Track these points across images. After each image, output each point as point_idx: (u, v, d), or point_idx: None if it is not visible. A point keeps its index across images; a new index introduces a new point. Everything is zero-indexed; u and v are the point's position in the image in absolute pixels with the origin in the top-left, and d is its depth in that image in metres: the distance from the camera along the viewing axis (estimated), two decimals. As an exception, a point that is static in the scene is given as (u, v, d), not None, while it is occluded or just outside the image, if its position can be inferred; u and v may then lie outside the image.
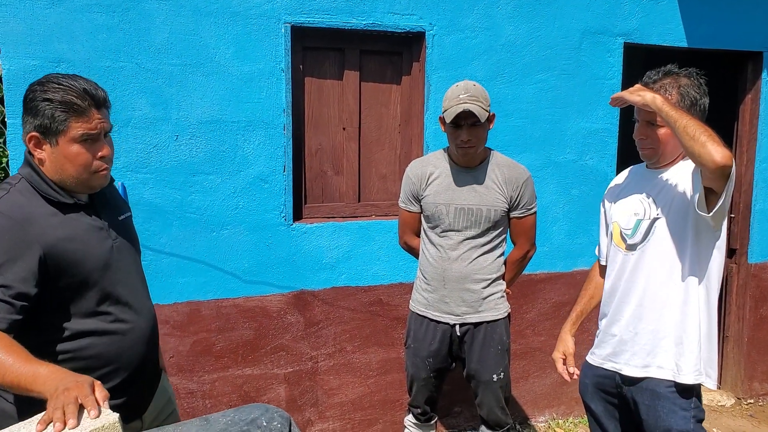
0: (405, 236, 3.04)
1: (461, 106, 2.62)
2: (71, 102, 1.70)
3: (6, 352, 1.50)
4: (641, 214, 2.27)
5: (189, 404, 3.47)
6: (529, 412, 4.18)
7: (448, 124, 2.69)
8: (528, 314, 4.04)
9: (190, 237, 3.35)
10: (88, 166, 1.77)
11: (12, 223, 1.68)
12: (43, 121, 1.71)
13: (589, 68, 3.88)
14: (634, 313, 2.30)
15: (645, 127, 2.21)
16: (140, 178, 3.21)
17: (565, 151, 3.93)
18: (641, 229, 2.26)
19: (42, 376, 1.45)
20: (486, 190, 2.78)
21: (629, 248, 2.31)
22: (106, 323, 1.84)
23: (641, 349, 2.28)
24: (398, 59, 3.72)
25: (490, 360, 2.85)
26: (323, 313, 3.65)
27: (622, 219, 2.34)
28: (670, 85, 2.16)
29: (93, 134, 1.74)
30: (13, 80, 2.95)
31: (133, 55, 3.12)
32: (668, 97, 2.15)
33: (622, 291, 2.34)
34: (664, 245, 2.21)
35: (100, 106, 1.76)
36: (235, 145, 3.36)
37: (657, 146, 2.20)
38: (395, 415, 3.85)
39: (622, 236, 2.34)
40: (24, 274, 1.63)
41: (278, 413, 1.71)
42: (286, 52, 3.36)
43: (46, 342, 1.74)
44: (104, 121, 1.78)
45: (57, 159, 1.75)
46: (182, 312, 3.39)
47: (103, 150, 1.79)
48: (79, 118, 1.72)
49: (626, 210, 2.33)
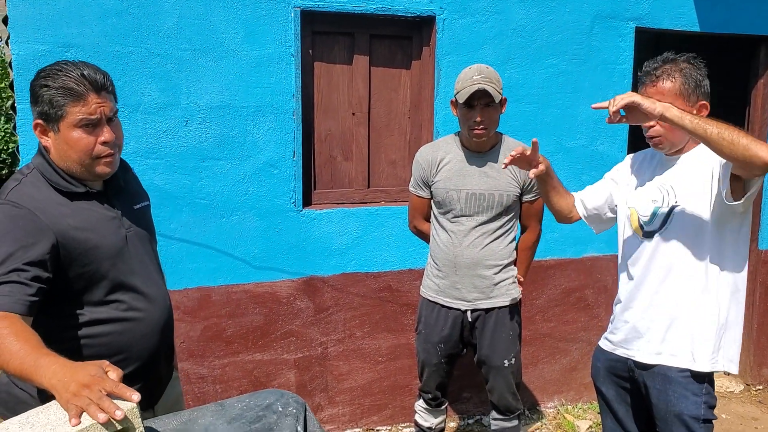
0: (415, 221, 3.03)
1: (475, 85, 2.60)
2: (68, 87, 1.68)
3: (15, 338, 1.48)
4: (659, 202, 2.25)
5: (200, 389, 3.48)
6: (538, 398, 4.19)
7: (461, 106, 2.67)
8: (537, 300, 4.03)
9: (200, 223, 3.34)
10: (89, 151, 1.74)
11: (25, 212, 1.68)
12: (44, 108, 1.71)
13: (600, 53, 3.85)
14: (650, 301, 2.28)
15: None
16: (150, 163, 3.20)
17: (576, 136, 3.91)
18: (659, 216, 2.24)
19: (42, 367, 1.40)
20: (498, 174, 2.76)
21: (646, 235, 2.29)
22: (119, 311, 1.83)
23: (655, 337, 2.27)
24: (408, 44, 3.70)
25: (502, 346, 2.85)
26: (333, 299, 3.65)
27: (640, 206, 2.32)
28: (672, 70, 2.15)
29: (92, 119, 1.71)
30: (23, 65, 2.94)
31: (142, 40, 3.11)
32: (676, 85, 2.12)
33: (638, 278, 2.32)
34: (683, 233, 2.19)
35: (99, 90, 1.72)
36: (245, 131, 3.34)
37: (665, 135, 2.18)
38: (405, 401, 3.86)
39: (639, 223, 2.32)
40: (38, 259, 1.63)
41: (293, 398, 1.71)
42: (295, 37, 3.34)
43: (57, 328, 1.74)
44: (104, 105, 1.73)
45: (60, 145, 1.74)
46: (193, 297, 3.39)
47: (105, 134, 1.75)
48: (77, 103, 1.69)
49: (644, 196, 2.31)
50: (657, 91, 2.15)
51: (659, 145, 2.23)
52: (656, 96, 2.13)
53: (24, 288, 1.59)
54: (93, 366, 1.39)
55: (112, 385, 1.33)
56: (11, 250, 1.61)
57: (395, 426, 3.91)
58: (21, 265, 1.60)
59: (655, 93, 2.14)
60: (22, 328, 1.52)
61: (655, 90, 2.15)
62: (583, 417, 4.09)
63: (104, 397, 1.30)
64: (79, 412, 1.30)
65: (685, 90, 2.14)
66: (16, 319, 1.54)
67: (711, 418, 2.22)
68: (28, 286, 1.60)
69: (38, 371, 1.40)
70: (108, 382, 1.34)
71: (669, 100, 2.10)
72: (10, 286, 1.57)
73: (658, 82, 2.15)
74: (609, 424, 2.51)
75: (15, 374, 1.46)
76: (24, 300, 1.58)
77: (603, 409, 2.55)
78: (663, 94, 2.13)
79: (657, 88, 2.15)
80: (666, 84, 2.14)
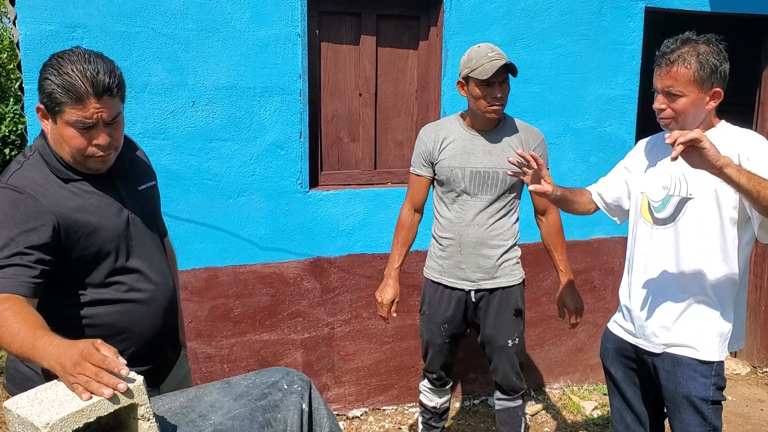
0: (405, 207, 2.99)
1: (498, 61, 2.58)
2: (69, 87, 1.65)
3: (16, 319, 1.49)
4: (670, 189, 2.22)
5: (207, 368, 3.52)
6: (544, 379, 4.20)
7: (480, 83, 2.64)
8: (544, 282, 4.03)
9: (208, 203, 3.36)
10: (82, 150, 1.72)
11: (26, 196, 1.68)
12: (44, 99, 1.70)
13: (609, 33, 3.82)
14: (656, 290, 2.26)
15: (665, 96, 2.14)
16: (157, 144, 3.21)
17: (584, 117, 3.89)
18: (670, 204, 2.21)
19: (40, 348, 1.41)
20: (503, 152, 2.75)
21: (656, 222, 2.26)
22: (120, 293, 1.84)
23: (662, 327, 2.25)
24: (415, 24, 3.68)
25: (505, 326, 2.86)
26: (339, 280, 3.67)
27: (651, 191, 2.28)
28: (688, 54, 2.08)
29: (88, 123, 1.68)
30: (30, 46, 2.95)
31: (149, 20, 3.10)
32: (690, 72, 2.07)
33: (645, 265, 2.30)
34: (695, 226, 2.17)
35: (100, 95, 1.67)
36: (252, 112, 3.35)
37: (677, 116, 2.14)
38: (410, 381, 3.89)
39: (650, 209, 2.29)
40: (41, 243, 1.64)
41: (299, 376, 1.73)
42: (302, 17, 3.32)
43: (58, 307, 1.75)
44: (102, 111, 1.68)
45: (55, 136, 1.74)
46: (200, 278, 3.42)
47: (99, 138, 1.71)
48: (75, 105, 1.65)
49: (655, 182, 2.28)
50: (670, 76, 2.09)
51: (669, 126, 2.20)
52: (669, 81, 2.09)
53: (27, 270, 1.60)
54: (84, 343, 1.39)
55: (99, 359, 1.34)
56: (13, 234, 1.62)
57: (401, 406, 3.94)
58: (23, 249, 1.61)
59: (668, 78, 2.10)
60: (23, 310, 1.53)
61: (669, 75, 2.10)
62: (588, 398, 4.11)
63: (101, 372, 1.32)
64: (84, 389, 1.32)
65: (699, 77, 2.07)
66: (18, 301, 1.55)
67: (720, 400, 2.21)
68: (31, 269, 1.61)
69: (37, 352, 1.42)
70: (96, 356, 1.34)
71: (681, 86, 2.07)
72: (13, 269, 1.59)
73: (673, 66, 2.09)
74: (617, 404, 2.51)
75: (17, 355, 1.48)
76: (28, 282, 1.59)
77: (611, 390, 2.55)
78: (676, 79, 2.09)
79: (671, 74, 2.09)
80: (680, 69, 2.08)
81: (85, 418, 1.30)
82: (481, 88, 2.65)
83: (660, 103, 2.16)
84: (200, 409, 1.57)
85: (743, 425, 3.86)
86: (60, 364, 1.36)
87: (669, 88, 2.11)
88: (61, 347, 1.39)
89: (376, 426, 3.77)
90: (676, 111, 2.12)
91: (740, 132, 2.17)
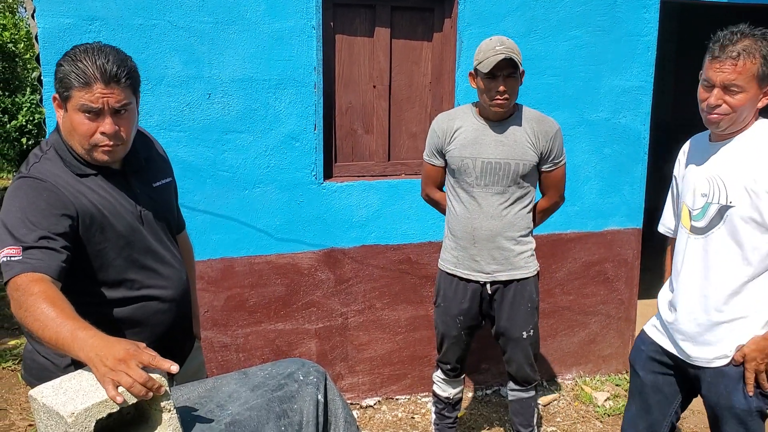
0: (427, 188, 3.03)
1: (500, 55, 2.59)
2: (78, 72, 1.69)
3: (50, 304, 1.50)
4: (709, 196, 2.12)
5: (223, 357, 3.56)
6: (556, 370, 4.22)
7: (484, 76, 2.65)
8: (557, 273, 4.04)
9: (223, 195, 3.39)
10: (88, 137, 1.74)
11: (49, 185, 1.72)
12: (57, 85, 1.73)
13: (624, 24, 3.80)
14: (697, 302, 2.18)
15: (722, 92, 2.01)
16: (174, 136, 3.24)
17: (598, 109, 3.88)
18: (710, 213, 2.12)
19: (80, 340, 1.42)
20: (515, 143, 2.76)
21: (694, 231, 2.18)
22: (133, 290, 1.87)
23: (703, 341, 2.17)
24: (430, 15, 3.68)
25: (520, 317, 2.87)
26: (353, 271, 3.70)
27: (689, 198, 2.20)
28: (752, 48, 1.96)
29: (93, 108, 1.71)
30: (48, 38, 2.98)
31: (165, 13, 3.13)
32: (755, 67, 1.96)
33: (684, 276, 2.21)
34: (734, 235, 2.08)
35: (108, 82, 1.70)
36: (267, 104, 3.37)
37: (731, 113, 2.03)
38: (423, 371, 3.92)
39: (691, 217, 2.20)
40: (63, 231, 1.67)
41: (314, 368, 1.76)
42: (317, 9, 3.34)
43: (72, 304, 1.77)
44: (109, 97, 1.71)
45: (66, 125, 1.77)
46: (216, 268, 3.46)
47: (105, 126, 1.73)
48: (82, 89, 1.69)
49: (693, 189, 2.19)
50: (735, 70, 1.97)
51: (721, 124, 2.07)
52: (732, 75, 1.97)
53: (55, 254, 1.62)
54: (129, 342, 1.42)
55: (148, 358, 1.37)
56: (37, 219, 1.65)
57: (414, 395, 3.97)
58: (49, 234, 1.64)
59: (732, 71, 1.97)
60: (56, 295, 1.54)
61: (734, 69, 1.97)
62: (600, 389, 4.13)
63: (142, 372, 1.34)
64: (115, 386, 1.34)
65: (762, 73, 1.97)
66: (49, 285, 1.56)
67: (765, 410, 2.13)
68: (59, 253, 1.63)
69: (76, 343, 1.43)
70: (144, 355, 1.37)
71: (744, 81, 1.97)
72: (41, 252, 1.61)
73: (739, 60, 1.96)
74: (634, 409, 2.43)
75: (48, 342, 1.48)
76: (57, 265, 1.61)
77: (633, 394, 2.45)
78: (741, 74, 1.97)
79: (736, 67, 1.96)
80: (746, 63, 1.96)
81: (108, 409, 1.33)
82: (485, 82, 2.66)
83: (717, 99, 2.03)
84: (218, 399, 1.61)
85: None
86: (100, 357, 1.38)
87: (730, 83, 1.99)
88: (104, 341, 1.42)
89: (389, 415, 3.81)
90: (733, 107, 2.01)
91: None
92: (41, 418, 1.35)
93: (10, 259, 1.59)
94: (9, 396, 3.97)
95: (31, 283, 1.54)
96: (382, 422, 3.75)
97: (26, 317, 1.51)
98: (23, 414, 3.77)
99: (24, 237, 1.61)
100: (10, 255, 1.59)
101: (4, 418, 3.72)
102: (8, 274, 1.58)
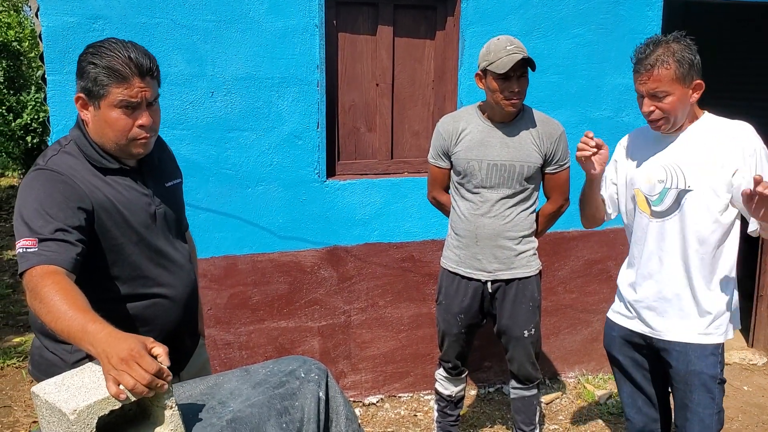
0: (434, 191, 3.04)
1: (516, 55, 2.59)
2: (114, 68, 1.71)
3: (63, 297, 1.50)
4: (666, 182, 2.28)
5: (226, 355, 3.58)
6: (559, 368, 4.22)
7: (497, 77, 2.64)
8: (560, 271, 4.04)
9: (226, 193, 3.40)
10: (126, 132, 1.77)
11: (65, 178, 1.73)
12: (87, 84, 1.74)
13: (627, 22, 3.79)
14: (659, 280, 2.34)
15: (651, 100, 2.20)
16: (177, 134, 3.25)
17: (601, 107, 3.87)
18: (668, 197, 2.27)
19: (90, 334, 1.42)
20: (520, 145, 2.76)
21: (655, 215, 2.33)
22: (144, 288, 1.88)
23: (665, 318, 2.34)
24: (432, 14, 3.68)
25: (522, 316, 2.88)
26: (356, 269, 3.71)
27: (645, 186, 2.34)
28: (664, 55, 2.15)
29: (133, 102, 1.74)
30: (52, 37, 2.99)
31: (168, 11, 3.14)
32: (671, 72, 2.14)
33: (646, 257, 2.37)
34: (694, 217, 2.24)
35: (144, 75, 1.74)
36: (270, 102, 3.38)
37: (667, 115, 2.20)
38: (426, 369, 3.93)
39: (647, 202, 2.35)
40: (78, 224, 1.68)
41: (316, 365, 1.76)
42: (319, 8, 3.34)
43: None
44: (146, 90, 1.76)
45: (98, 122, 1.77)
46: (219, 266, 3.47)
47: (143, 118, 1.77)
48: (120, 85, 1.72)
49: (649, 177, 2.33)
50: (653, 80, 2.15)
51: (662, 127, 2.25)
52: (653, 84, 2.16)
53: (70, 246, 1.63)
54: (135, 340, 1.39)
55: (148, 364, 1.35)
56: (53, 211, 1.65)
57: (416, 393, 3.98)
58: (65, 226, 1.64)
59: (652, 81, 2.16)
60: (69, 287, 1.54)
61: (652, 79, 2.16)
62: (603, 387, 4.13)
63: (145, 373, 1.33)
64: (116, 382, 1.33)
65: (680, 74, 2.15)
66: (64, 277, 1.56)
67: (724, 380, 2.33)
68: (74, 245, 1.63)
69: (86, 337, 1.42)
70: (146, 360, 1.35)
71: (666, 87, 2.15)
72: (57, 244, 1.61)
73: (654, 70, 2.15)
74: (627, 389, 2.58)
75: (61, 333, 1.48)
76: (72, 258, 1.62)
77: (619, 378, 2.60)
78: (660, 81, 2.15)
79: (653, 77, 2.15)
80: (661, 72, 2.14)
81: (110, 406, 1.34)
82: (498, 82, 2.65)
83: (648, 107, 2.21)
84: (220, 396, 1.61)
85: (759, 415, 3.85)
86: (106, 353, 1.37)
87: (654, 91, 2.17)
88: (112, 337, 1.40)
89: (392, 413, 3.82)
90: (665, 110, 2.19)
91: (727, 122, 2.25)
92: (44, 415, 1.36)
93: (26, 251, 1.60)
94: (13, 393, 4.00)
95: (45, 275, 1.55)
96: (385, 420, 3.76)
97: (40, 309, 1.52)
98: (27, 411, 3.79)
99: (40, 229, 1.62)
100: (26, 246, 1.60)
101: (8, 414, 3.74)
102: (24, 266, 1.59)
